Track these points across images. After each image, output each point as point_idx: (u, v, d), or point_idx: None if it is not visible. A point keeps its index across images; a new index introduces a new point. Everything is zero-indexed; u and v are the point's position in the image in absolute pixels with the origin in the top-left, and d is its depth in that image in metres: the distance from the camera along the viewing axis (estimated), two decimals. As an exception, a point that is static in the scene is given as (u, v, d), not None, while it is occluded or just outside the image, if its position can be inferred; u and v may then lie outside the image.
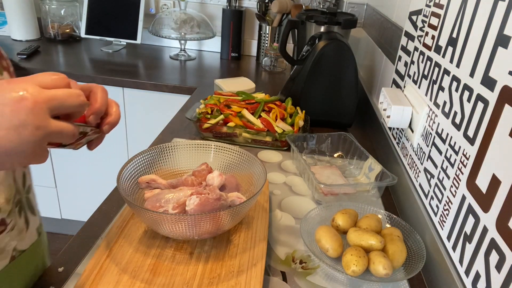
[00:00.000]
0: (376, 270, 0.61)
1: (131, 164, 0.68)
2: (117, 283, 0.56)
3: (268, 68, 1.87)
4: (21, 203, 0.57)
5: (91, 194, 1.84)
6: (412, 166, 0.82)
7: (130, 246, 0.63)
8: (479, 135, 0.54)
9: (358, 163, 0.96)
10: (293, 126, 1.08)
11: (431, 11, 0.80)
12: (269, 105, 1.13)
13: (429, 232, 0.68)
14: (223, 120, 1.06)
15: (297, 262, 0.67)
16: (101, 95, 0.46)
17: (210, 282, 0.57)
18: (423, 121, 0.77)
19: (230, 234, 0.67)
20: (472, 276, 0.52)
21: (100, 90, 0.46)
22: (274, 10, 1.78)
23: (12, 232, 0.54)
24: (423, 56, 0.81)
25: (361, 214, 0.75)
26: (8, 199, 0.52)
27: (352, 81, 1.16)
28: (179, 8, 1.91)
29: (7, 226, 0.52)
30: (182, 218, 0.58)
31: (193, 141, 0.78)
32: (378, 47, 1.30)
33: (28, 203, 0.59)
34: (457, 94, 0.63)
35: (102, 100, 0.46)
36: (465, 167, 0.58)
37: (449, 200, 0.62)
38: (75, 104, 0.38)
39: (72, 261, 0.63)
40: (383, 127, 1.09)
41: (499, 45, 0.52)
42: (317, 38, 1.19)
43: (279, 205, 0.82)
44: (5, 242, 0.53)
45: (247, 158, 0.74)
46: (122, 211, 0.71)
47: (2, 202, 0.51)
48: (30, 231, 0.59)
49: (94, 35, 1.95)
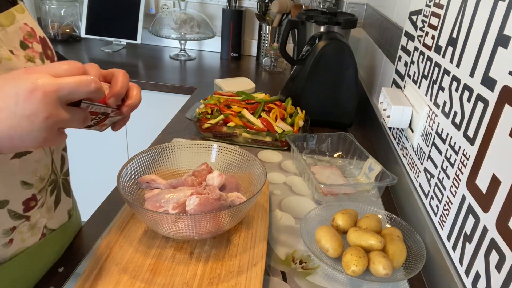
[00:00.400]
0: (376, 270, 0.61)
1: (131, 164, 0.68)
2: (117, 283, 0.56)
3: (268, 68, 1.87)
4: (56, 183, 0.60)
5: (91, 194, 1.84)
6: (412, 166, 0.82)
7: (130, 246, 0.63)
8: (479, 135, 0.54)
9: (358, 163, 0.96)
10: (293, 126, 1.08)
11: (431, 11, 0.80)
12: (269, 105, 1.13)
13: (429, 232, 0.68)
14: (223, 120, 1.06)
15: (297, 262, 0.67)
16: (122, 79, 0.49)
17: (210, 282, 0.57)
18: (423, 121, 0.77)
19: (230, 234, 0.67)
20: (472, 276, 0.52)
21: (121, 74, 0.49)
22: (274, 10, 1.78)
23: (42, 209, 0.57)
24: (423, 56, 0.81)
25: (361, 214, 0.75)
26: (42, 178, 0.56)
27: (352, 81, 1.16)
28: (179, 8, 1.91)
29: (37, 202, 0.55)
30: (182, 218, 0.58)
31: (193, 141, 0.78)
32: (378, 47, 1.30)
33: (64, 185, 0.63)
34: (457, 94, 0.63)
35: (122, 84, 0.49)
36: (465, 167, 0.58)
37: (449, 200, 0.62)
38: (86, 91, 0.40)
39: (72, 261, 0.63)
40: (383, 127, 1.09)
41: (499, 45, 0.52)
42: (317, 38, 1.19)
43: (279, 205, 0.82)
44: (36, 218, 0.56)
45: (247, 158, 0.74)
46: (122, 211, 0.71)
47: (37, 179, 0.54)
48: (60, 212, 0.62)
49: (94, 35, 1.95)
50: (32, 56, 0.51)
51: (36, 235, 0.57)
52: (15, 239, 0.53)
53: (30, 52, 0.51)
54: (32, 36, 0.52)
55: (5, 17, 0.48)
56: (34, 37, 0.52)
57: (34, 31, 0.53)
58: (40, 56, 0.52)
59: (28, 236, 0.55)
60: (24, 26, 0.51)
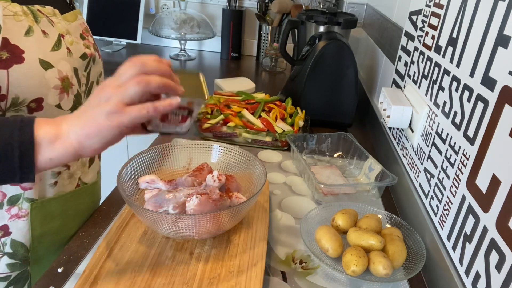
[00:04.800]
0: (376, 270, 0.61)
1: (131, 164, 0.68)
2: (117, 283, 0.56)
3: (268, 68, 1.87)
4: None
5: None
6: (412, 166, 0.82)
7: (130, 246, 0.63)
8: (479, 135, 0.54)
9: (358, 163, 0.96)
10: (293, 126, 1.08)
11: (431, 11, 0.80)
12: (269, 105, 1.13)
13: (429, 232, 0.68)
14: (223, 120, 1.06)
15: (297, 262, 0.67)
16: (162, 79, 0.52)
17: (210, 282, 0.57)
18: (423, 121, 0.77)
19: (230, 234, 0.67)
20: (472, 276, 0.52)
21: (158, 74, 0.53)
22: (274, 10, 1.78)
23: (78, 162, 0.71)
24: (423, 56, 0.81)
25: (361, 214, 0.75)
26: None
27: (352, 81, 1.16)
28: (179, 8, 1.91)
29: None
30: (182, 218, 0.58)
31: (193, 141, 0.78)
32: (378, 47, 1.30)
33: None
34: (457, 94, 0.63)
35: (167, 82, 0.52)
36: (465, 167, 0.58)
37: (449, 200, 0.62)
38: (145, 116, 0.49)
39: (72, 261, 0.63)
40: (383, 127, 1.09)
41: (499, 45, 0.52)
42: (317, 38, 1.19)
43: (279, 205, 0.82)
44: (74, 169, 0.70)
45: (247, 158, 0.74)
46: (122, 211, 0.71)
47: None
48: (92, 170, 0.77)
49: (94, 35, 1.92)
50: (88, 45, 0.70)
51: (72, 184, 0.71)
52: (59, 182, 0.67)
53: (86, 42, 0.70)
54: (88, 31, 0.73)
55: (70, 16, 0.67)
56: (89, 32, 0.74)
57: (88, 29, 0.74)
58: (93, 46, 0.73)
59: (67, 183, 0.69)
60: (82, 24, 0.71)
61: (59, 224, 0.70)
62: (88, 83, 0.71)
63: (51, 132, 0.48)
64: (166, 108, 0.50)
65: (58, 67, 0.60)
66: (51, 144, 0.48)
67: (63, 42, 0.62)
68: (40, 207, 0.65)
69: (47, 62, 0.58)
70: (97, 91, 0.50)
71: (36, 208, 0.64)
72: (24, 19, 0.56)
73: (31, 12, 0.58)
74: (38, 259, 0.68)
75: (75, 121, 0.49)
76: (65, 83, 0.61)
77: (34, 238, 0.66)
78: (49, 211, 0.67)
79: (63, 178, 0.68)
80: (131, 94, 0.48)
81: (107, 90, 0.48)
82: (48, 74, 0.58)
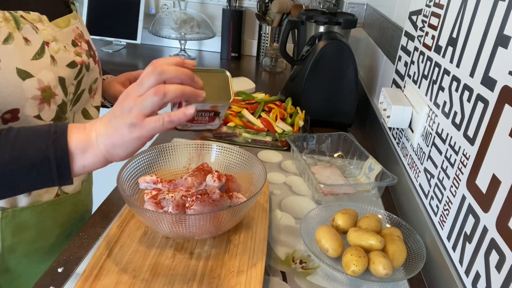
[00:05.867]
0: (376, 270, 0.61)
1: (131, 164, 0.68)
2: (117, 283, 0.56)
3: (268, 68, 1.87)
4: None
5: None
6: (412, 166, 0.82)
7: (130, 246, 0.63)
8: (479, 135, 0.54)
9: (358, 163, 0.96)
10: (293, 126, 1.08)
11: (431, 11, 0.80)
12: (269, 105, 1.13)
13: (429, 232, 0.68)
14: (223, 120, 1.06)
15: (297, 262, 0.67)
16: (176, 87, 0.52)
17: (210, 282, 0.57)
18: (423, 121, 0.77)
19: (230, 234, 0.67)
20: (472, 276, 0.52)
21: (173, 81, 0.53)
22: (274, 10, 1.78)
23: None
24: (423, 56, 0.81)
25: (361, 214, 0.75)
26: None
27: (352, 81, 1.16)
28: (179, 8, 1.91)
29: None
30: (182, 218, 0.58)
31: (193, 141, 0.78)
32: (378, 47, 1.30)
33: None
34: (457, 94, 0.63)
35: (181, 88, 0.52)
36: (465, 167, 0.58)
37: (449, 200, 0.62)
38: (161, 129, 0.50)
39: (72, 261, 0.63)
40: (383, 127, 1.09)
41: (499, 45, 0.52)
42: (317, 38, 1.19)
43: (279, 205, 0.82)
44: None
45: (247, 158, 0.74)
46: (122, 211, 0.71)
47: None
48: (75, 179, 0.71)
49: (94, 35, 1.94)
50: (79, 52, 0.66)
51: (50, 193, 0.67)
52: (33, 191, 0.63)
53: (78, 49, 0.66)
54: (82, 37, 0.68)
55: (62, 21, 0.64)
56: (83, 38, 0.69)
57: (83, 34, 0.69)
58: (86, 53, 0.68)
59: (43, 192, 0.66)
60: (76, 29, 0.67)
61: (34, 234, 0.67)
62: (78, 91, 0.68)
63: (82, 141, 0.51)
64: (181, 119, 0.51)
65: (38, 76, 0.57)
66: (83, 153, 0.51)
67: (47, 50, 0.59)
68: (12, 217, 0.63)
69: (25, 72, 0.55)
70: (120, 99, 0.51)
71: (7, 217, 0.63)
72: (3, 26, 0.53)
73: (13, 18, 0.55)
74: (10, 269, 0.67)
75: (102, 130, 0.51)
76: (46, 93, 0.58)
77: (4, 248, 0.64)
78: (22, 221, 0.65)
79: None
80: (149, 106, 0.49)
81: (129, 100, 0.50)
82: (26, 84, 0.55)
